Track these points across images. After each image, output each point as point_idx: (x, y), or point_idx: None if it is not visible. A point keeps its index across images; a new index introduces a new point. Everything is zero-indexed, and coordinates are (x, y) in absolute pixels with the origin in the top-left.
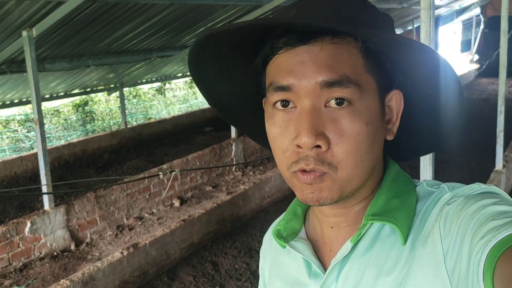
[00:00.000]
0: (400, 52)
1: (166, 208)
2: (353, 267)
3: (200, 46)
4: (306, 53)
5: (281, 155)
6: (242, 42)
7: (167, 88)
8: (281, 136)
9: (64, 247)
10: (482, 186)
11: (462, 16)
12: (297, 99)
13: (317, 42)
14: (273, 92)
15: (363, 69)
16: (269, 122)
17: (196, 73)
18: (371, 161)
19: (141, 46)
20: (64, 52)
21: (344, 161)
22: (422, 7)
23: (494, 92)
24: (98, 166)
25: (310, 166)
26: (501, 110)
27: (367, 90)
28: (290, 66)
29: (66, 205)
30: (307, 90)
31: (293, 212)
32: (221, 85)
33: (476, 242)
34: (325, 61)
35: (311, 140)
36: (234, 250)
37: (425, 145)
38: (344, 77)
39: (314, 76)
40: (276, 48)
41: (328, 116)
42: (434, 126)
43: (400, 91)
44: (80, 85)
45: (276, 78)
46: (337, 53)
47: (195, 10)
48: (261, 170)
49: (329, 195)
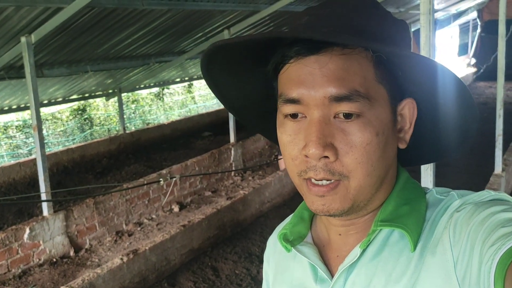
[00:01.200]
0: (411, 63)
1: (165, 214)
2: (361, 273)
3: (210, 56)
4: (316, 64)
5: (291, 162)
6: (251, 50)
7: (165, 93)
8: (291, 144)
9: (63, 254)
10: (491, 193)
11: (459, 20)
12: (307, 110)
13: (327, 53)
14: (283, 103)
15: (374, 79)
16: (280, 130)
17: (209, 79)
18: (383, 170)
19: (139, 51)
20: (62, 58)
21: (355, 170)
22: (422, 12)
23: (492, 96)
24: (97, 171)
25: (319, 176)
26: (500, 114)
27: (378, 100)
28: (300, 78)
29: (65, 211)
30: (317, 102)
31: (300, 216)
32: (233, 90)
33: (486, 250)
34: (334, 74)
35: (318, 151)
36: (235, 255)
37: (434, 153)
38: (354, 92)
39: (323, 89)
40: (287, 57)
41: (337, 126)
42: (443, 136)
43: (413, 100)
44: (79, 90)
45: (286, 89)
46: (347, 64)
47: (193, 15)
48: (260, 175)
49: (340, 206)
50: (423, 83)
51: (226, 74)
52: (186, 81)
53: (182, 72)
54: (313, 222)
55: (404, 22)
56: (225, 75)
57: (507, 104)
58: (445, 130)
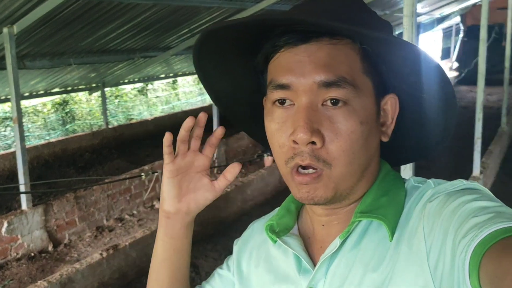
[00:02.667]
0: (395, 55)
1: (147, 210)
2: (341, 263)
3: (202, 43)
4: (305, 52)
5: (278, 150)
6: (242, 41)
7: (149, 89)
8: (279, 131)
9: (42, 248)
10: (464, 182)
11: (443, 25)
12: (295, 97)
13: (315, 42)
14: (272, 89)
15: (360, 70)
16: (268, 118)
17: (199, 69)
18: (365, 160)
19: (124, 46)
20: (45, 50)
21: (338, 158)
22: (405, 14)
23: (472, 100)
24: (79, 166)
25: (306, 161)
26: (479, 118)
27: (363, 90)
28: (290, 65)
29: (44, 205)
30: (305, 88)
31: (287, 209)
32: (221, 83)
33: (459, 241)
34: (322, 61)
35: (306, 136)
36: (215, 253)
37: (414, 152)
38: (341, 78)
39: (312, 75)
40: (277, 47)
41: (324, 114)
42: (425, 132)
43: (395, 95)
44: (61, 83)
45: (276, 76)
46: (335, 53)
47: (179, 11)
48: (243, 173)
49: (324, 194)
50: (406, 76)
51: (215, 65)
52: (170, 77)
53: (167, 68)
54: (300, 215)
55: (388, 22)
56: (214, 66)
57: (487, 108)
58: (426, 125)
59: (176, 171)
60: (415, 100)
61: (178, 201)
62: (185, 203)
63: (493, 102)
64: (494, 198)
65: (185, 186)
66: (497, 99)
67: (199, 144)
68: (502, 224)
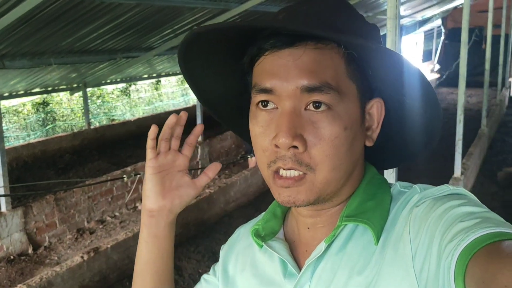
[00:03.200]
0: (380, 60)
1: (129, 212)
2: (327, 267)
3: (188, 45)
4: (289, 57)
5: (261, 154)
6: (228, 43)
7: (132, 89)
8: (263, 135)
9: (21, 251)
10: (450, 187)
11: (424, 27)
12: (279, 101)
13: (300, 46)
14: (256, 93)
15: (344, 74)
16: (252, 121)
17: (185, 70)
18: (350, 165)
19: (106, 46)
20: (25, 50)
21: (322, 163)
22: (388, 16)
23: (453, 102)
24: (59, 167)
25: (288, 165)
26: (460, 119)
27: (347, 95)
28: (274, 69)
29: (24, 208)
30: (289, 93)
31: (273, 213)
32: (208, 84)
33: (445, 245)
34: (307, 66)
35: (288, 140)
36: (198, 255)
37: (400, 156)
38: (325, 83)
39: (295, 80)
40: (262, 50)
41: (307, 118)
42: (410, 137)
43: (381, 99)
44: (41, 84)
45: (260, 80)
46: (319, 58)
47: (162, 11)
48: (226, 174)
49: (306, 198)
50: (390, 81)
51: (202, 65)
52: (153, 78)
53: (150, 69)
54: (286, 219)
55: (375, 26)
56: (201, 66)
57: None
58: (412, 130)
59: (159, 167)
60: (400, 104)
61: (162, 198)
62: (169, 200)
63: (473, 104)
64: (480, 203)
65: (167, 184)
66: (477, 101)
67: (179, 143)
68: (489, 229)
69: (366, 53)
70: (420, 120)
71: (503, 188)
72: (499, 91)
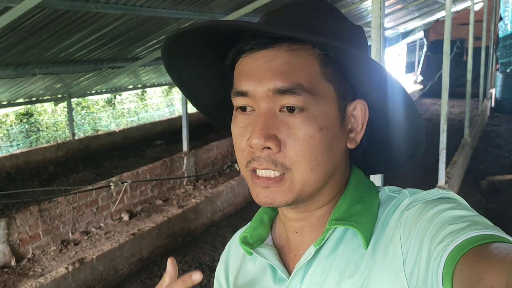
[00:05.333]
0: (359, 62)
1: (114, 222)
2: (317, 270)
3: (170, 48)
4: (263, 58)
5: (240, 154)
6: (212, 46)
7: (117, 100)
8: (241, 136)
9: (4, 263)
10: (440, 191)
11: (407, 39)
12: (255, 103)
13: (274, 48)
14: (234, 96)
15: (320, 76)
16: (233, 123)
17: (174, 75)
18: (329, 166)
19: (91, 56)
20: (9, 60)
21: (297, 163)
22: (373, 26)
23: (437, 112)
24: (43, 178)
25: (262, 166)
26: (444, 129)
27: (323, 96)
28: (249, 72)
29: (7, 219)
30: (262, 95)
31: (260, 220)
32: (198, 88)
33: (435, 247)
34: (279, 68)
35: (260, 141)
36: (185, 265)
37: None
38: (297, 85)
39: (268, 82)
40: (240, 51)
41: (281, 119)
42: (397, 142)
43: (364, 101)
44: (25, 94)
45: (237, 82)
46: (292, 60)
47: (148, 22)
48: (212, 184)
49: (283, 199)
50: (371, 83)
51: (189, 69)
52: (139, 88)
53: (135, 79)
54: (273, 225)
55: (360, 27)
56: (188, 70)
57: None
58: (397, 135)
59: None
60: (384, 108)
61: None
62: None
63: (456, 114)
64: (470, 207)
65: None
66: (460, 111)
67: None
68: (478, 231)
69: (344, 55)
70: (404, 126)
71: (487, 196)
72: (480, 101)
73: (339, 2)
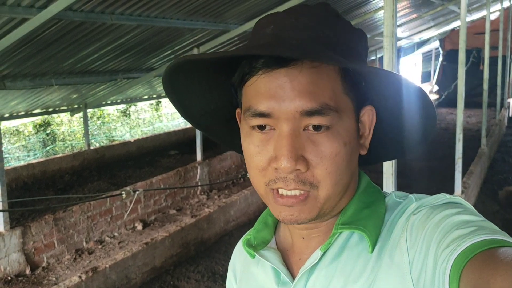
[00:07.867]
0: (377, 78)
1: (128, 232)
2: (321, 275)
3: (175, 70)
4: (286, 77)
5: (257, 173)
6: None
7: (132, 110)
8: (259, 155)
9: (19, 272)
10: (447, 196)
11: (422, 49)
12: (276, 123)
13: (297, 65)
14: (251, 117)
15: (341, 91)
16: (247, 140)
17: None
18: (349, 178)
19: (107, 67)
20: (26, 70)
21: (324, 180)
22: (385, 34)
23: (453, 122)
24: (58, 188)
25: (291, 187)
26: (459, 138)
27: (346, 112)
28: (270, 91)
29: (22, 228)
30: (288, 116)
31: (264, 222)
32: (192, 98)
33: (442, 251)
34: (305, 88)
35: (290, 165)
36: (198, 274)
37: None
38: (324, 106)
39: (294, 103)
40: (254, 69)
41: (307, 138)
42: (402, 138)
43: (372, 107)
44: (42, 104)
45: (255, 103)
46: (317, 78)
47: (162, 32)
48: (226, 194)
49: (308, 216)
50: (384, 92)
51: (188, 86)
52: (153, 99)
53: (150, 90)
54: (277, 228)
55: (361, 31)
56: (186, 82)
57: (466, 130)
58: (405, 129)
59: None
60: (392, 111)
61: None
62: None
63: (473, 124)
64: (477, 212)
65: None
66: (476, 121)
67: None
68: (485, 236)
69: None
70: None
71: (505, 207)
72: (498, 111)
73: (352, 13)
